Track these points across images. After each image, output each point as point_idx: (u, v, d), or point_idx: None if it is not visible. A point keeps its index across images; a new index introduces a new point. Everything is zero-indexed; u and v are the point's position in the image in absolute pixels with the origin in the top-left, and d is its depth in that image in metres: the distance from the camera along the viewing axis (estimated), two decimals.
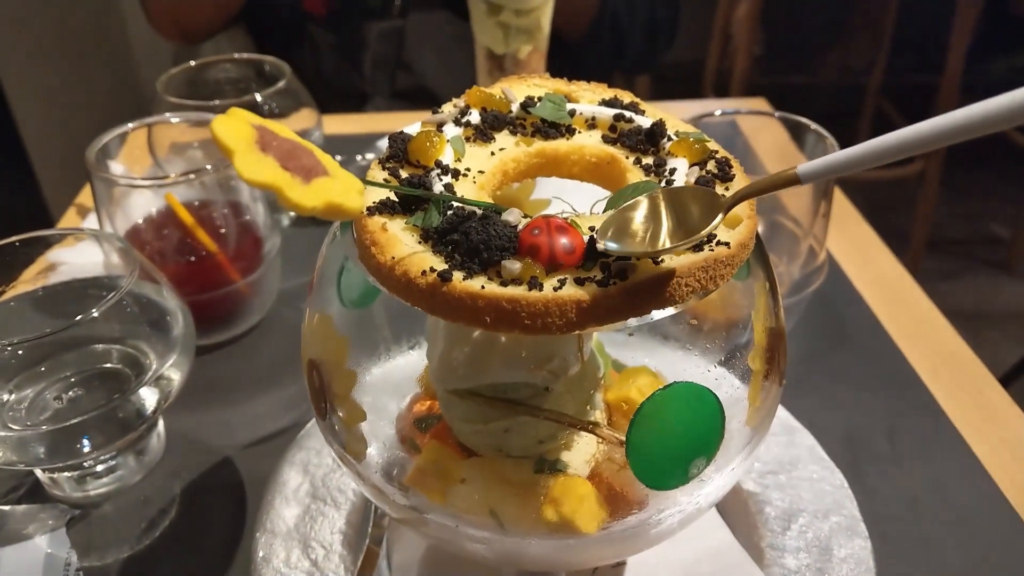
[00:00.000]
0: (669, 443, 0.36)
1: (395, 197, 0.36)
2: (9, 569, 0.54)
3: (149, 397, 0.56)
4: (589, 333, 0.39)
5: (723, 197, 0.33)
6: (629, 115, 0.41)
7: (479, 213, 0.34)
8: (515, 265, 0.31)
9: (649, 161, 0.39)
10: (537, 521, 0.39)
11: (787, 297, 0.70)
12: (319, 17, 1.27)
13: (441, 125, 0.40)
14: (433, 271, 0.32)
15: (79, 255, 0.61)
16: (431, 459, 0.42)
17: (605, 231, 0.32)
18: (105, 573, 0.55)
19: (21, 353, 0.56)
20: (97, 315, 0.52)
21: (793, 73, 2.83)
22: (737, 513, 0.56)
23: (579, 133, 0.41)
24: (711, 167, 0.38)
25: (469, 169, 0.38)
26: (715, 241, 0.33)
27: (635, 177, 0.38)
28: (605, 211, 0.37)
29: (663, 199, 0.33)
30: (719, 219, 0.31)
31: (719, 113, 0.73)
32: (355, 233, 0.36)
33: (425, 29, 1.27)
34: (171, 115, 0.75)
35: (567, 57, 1.18)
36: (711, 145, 0.39)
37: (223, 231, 0.72)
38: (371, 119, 1.19)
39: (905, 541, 0.56)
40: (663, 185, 0.37)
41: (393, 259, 0.33)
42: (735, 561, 0.52)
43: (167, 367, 0.57)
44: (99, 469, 0.60)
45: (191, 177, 0.67)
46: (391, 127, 0.92)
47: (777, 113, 0.73)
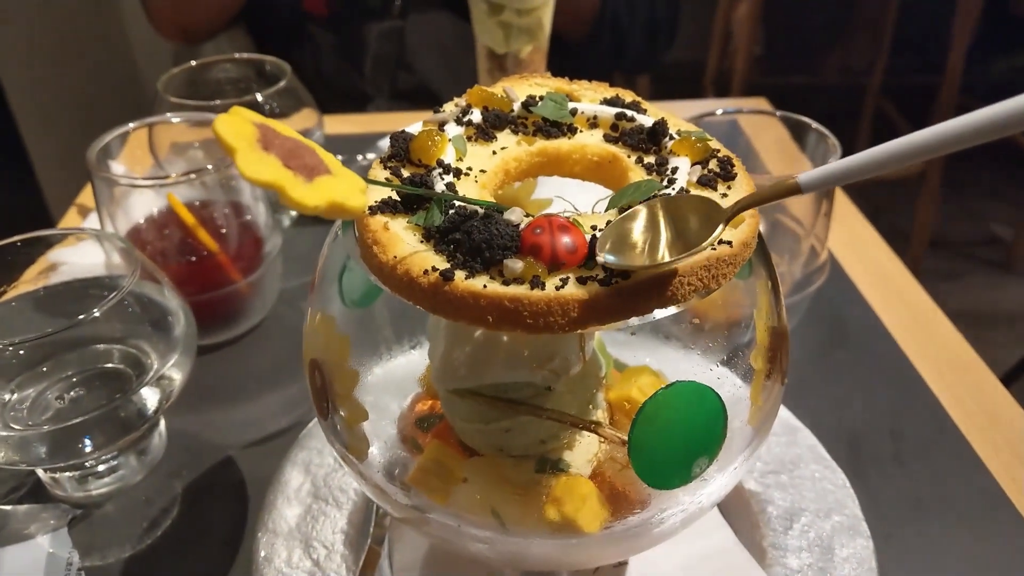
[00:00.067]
0: (671, 442, 0.36)
1: (397, 196, 0.36)
2: (11, 569, 0.54)
3: (150, 397, 0.56)
4: (591, 332, 0.39)
5: (723, 208, 0.32)
6: (631, 114, 0.41)
7: (481, 212, 0.34)
8: (517, 264, 0.31)
9: (651, 160, 0.39)
10: (539, 521, 0.39)
11: (789, 296, 0.70)
12: (320, 17, 1.27)
13: (443, 124, 0.40)
14: (435, 270, 0.31)
15: (80, 255, 0.61)
16: (433, 459, 0.42)
17: (604, 243, 0.32)
18: (107, 573, 0.55)
19: (23, 353, 0.56)
20: (98, 315, 0.52)
21: (793, 73, 2.83)
22: (739, 512, 0.56)
23: (581, 132, 0.41)
24: (713, 166, 0.38)
25: (471, 168, 0.38)
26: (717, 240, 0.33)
27: (637, 176, 0.38)
28: (607, 210, 0.36)
29: (662, 209, 0.32)
30: (719, 231, 0.31)
31: (720, 112, 0.73)
32: (357, 232, 0.36)
33: (426, 29, 1.26)
34: (172, 115, 0.75)
35: (568, 57, 1.18)
36: (713, 144, 0.39)
37: (224, 231, 0.72)
38: (372, 119, 1.19)
39: (907, 541, 0.56)
40: (665, 184, 0.37)
41: (395, 258, 0.33)
42: (737, 561, 0.52)
43: (168, 367, 0.57)
44: (101, 469, 0.60)
45: (192, 177, 0.67)
46: (392, 127, 0.92)
47: (779, 112, 0.73)
